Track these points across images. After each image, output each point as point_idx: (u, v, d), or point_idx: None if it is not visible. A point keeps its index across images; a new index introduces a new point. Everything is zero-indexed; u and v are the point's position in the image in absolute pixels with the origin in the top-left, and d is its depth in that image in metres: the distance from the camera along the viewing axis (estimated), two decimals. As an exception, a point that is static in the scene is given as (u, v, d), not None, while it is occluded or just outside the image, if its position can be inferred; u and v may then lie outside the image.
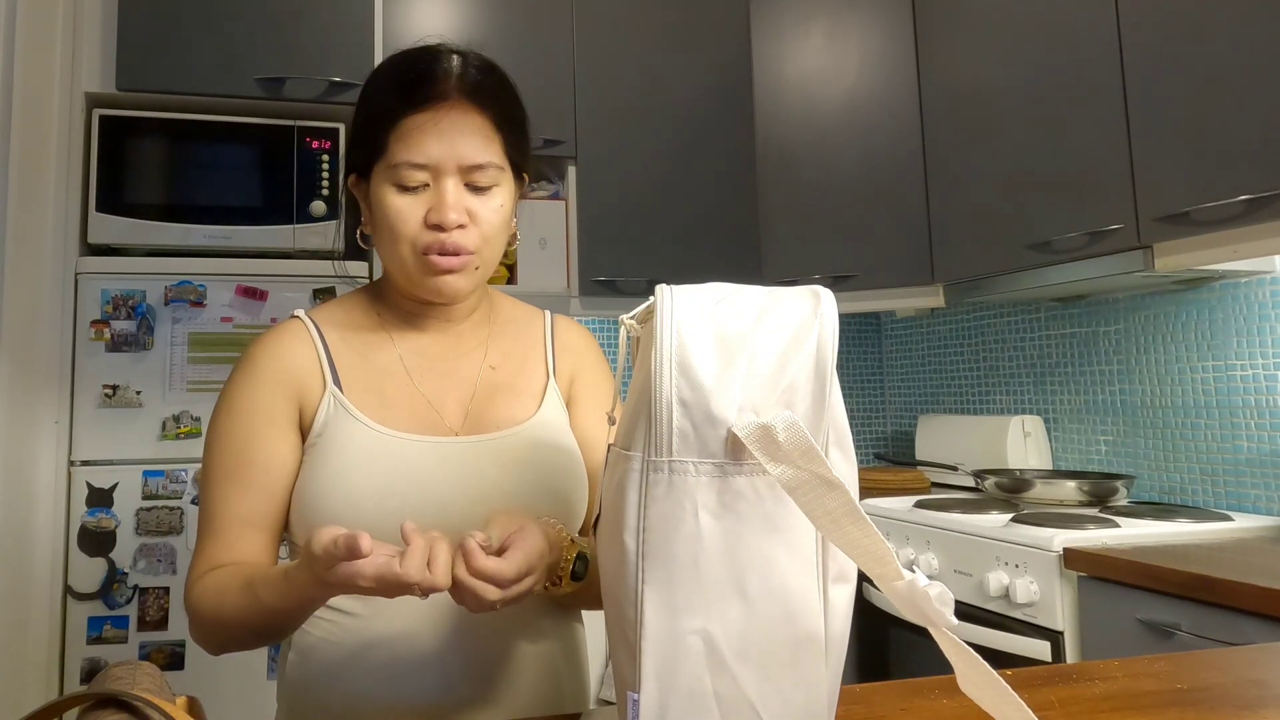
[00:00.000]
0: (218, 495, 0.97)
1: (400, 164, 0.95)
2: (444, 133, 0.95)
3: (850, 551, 0.58)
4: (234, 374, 1.01)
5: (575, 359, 1.13)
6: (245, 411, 0.98)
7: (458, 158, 0.95)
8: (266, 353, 1.01)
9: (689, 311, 0.62)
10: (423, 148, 0.95)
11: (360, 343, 1.04)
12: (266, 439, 0.97)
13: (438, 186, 0.96)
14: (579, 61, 2.75)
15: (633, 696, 0.61)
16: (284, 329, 1.03)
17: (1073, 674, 0.92)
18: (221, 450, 0.98)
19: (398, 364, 1.03)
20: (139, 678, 0.66)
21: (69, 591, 2.14)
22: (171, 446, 2.22)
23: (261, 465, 0.97)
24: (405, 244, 0.97)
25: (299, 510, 0.97)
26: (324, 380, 1.00)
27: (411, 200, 0.96)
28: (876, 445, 3.46)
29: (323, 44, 2.45)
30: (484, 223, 0.98)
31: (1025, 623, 1.82)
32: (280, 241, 2.38)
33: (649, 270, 2.72)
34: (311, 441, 0.98)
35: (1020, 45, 2.26)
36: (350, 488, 0.94)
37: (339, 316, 1.06)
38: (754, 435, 0.59)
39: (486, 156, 0.97)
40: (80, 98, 2.32)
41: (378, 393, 1.00)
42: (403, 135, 0.95)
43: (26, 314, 2.10)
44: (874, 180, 2.73)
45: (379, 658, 0.93)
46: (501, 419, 1.03)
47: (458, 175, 0.96)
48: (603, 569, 0.67)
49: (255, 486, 0.96)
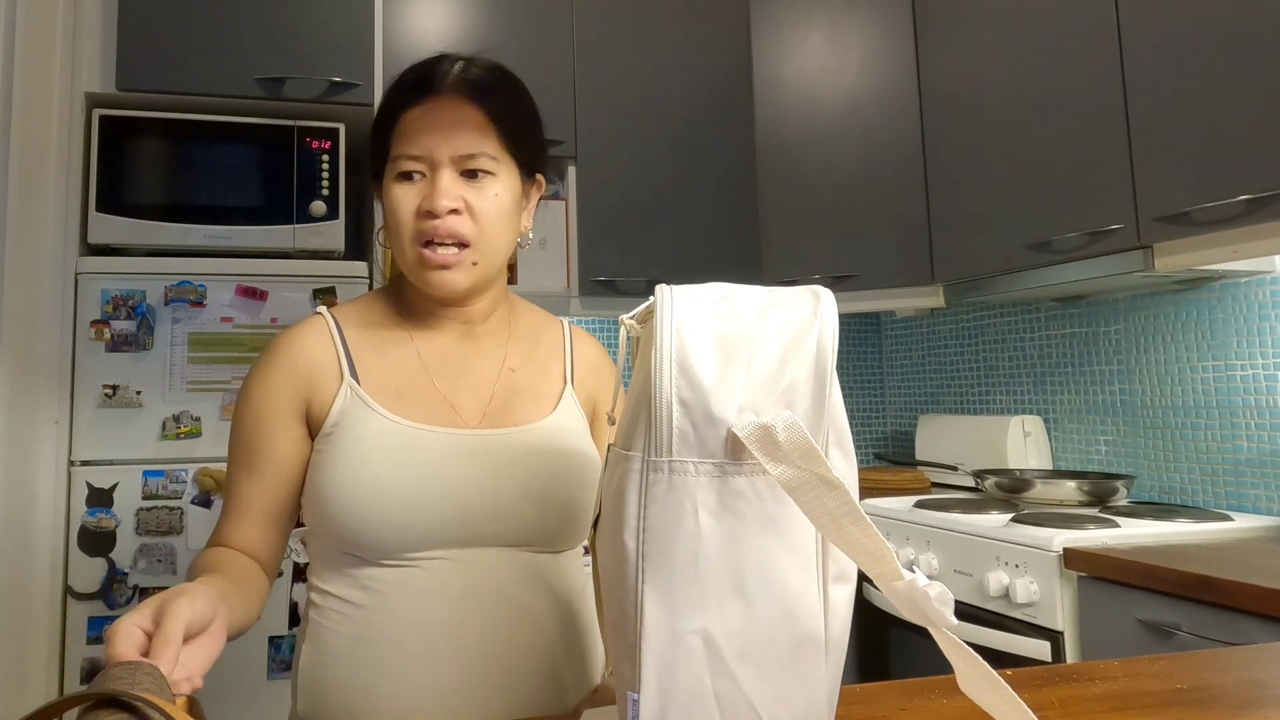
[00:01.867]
0: (233, 480, 1.02)
1: (399, 156, 1.00)
2: (437, 125, 1.00)
3: (850, 551, 0.58)
4: (254, 366, 1.05)
5: (595, 378, 1.16)
6: (259, 402, 1.02)
7: (451, 148, 0.99)
8: (284, 347, 1.04)
9: (689, 311, 0.63)
10: (417, 138, 1.00)
11: (379, 340, 1.06)
12: (275, 430, 1.01)
13: (433, 177, 1.00)
14: (579, 62, 2.75)
15: (632, 696, 0.61)
16: (305, 324, 1.06)
17: (1073, 674, 0.92)
18: (238, 438, 1.03)
19: (416, 361, 1.05)
20: (139, 678, 0.66)
21: (69, 591, 2.13)
22: (171, 446, 2.21)
23: (269, 455, 1.01)
24: (404, 235, 1.01)
25: (314, 498, 0.99)
26: (341, 374, 1.02)
27: (408, 189, 1.00)
28: (876, 445, 3.46)
29: (323, 44, 2.45)
30: (480, 212, 1.00)
31: (1025, 623, 1.82)
32: (280, 241, 2.38)
33: (649, 270, 2.73)
34: (327, 432, 0.99)
35: (1020, 46, 2.26)
36: (365, 475, 0.95)
37: (359, 314, 1.09)
38: (754, 435, 0.59)
39: (479, 146, 1.00)
40: (80, 97, 2.31)
41: (395, 388, 1.02)
42: (402, 130, 1.01)
43: (26, 314, 2.10)
44: (874, 180, 2.73)
45: (387, 647, 0.95)
46: (519, 417, 1.05)
47: (451, 165, 1.00)
48: (602, 569, 0.68)
49: (264, 475, 1.01)
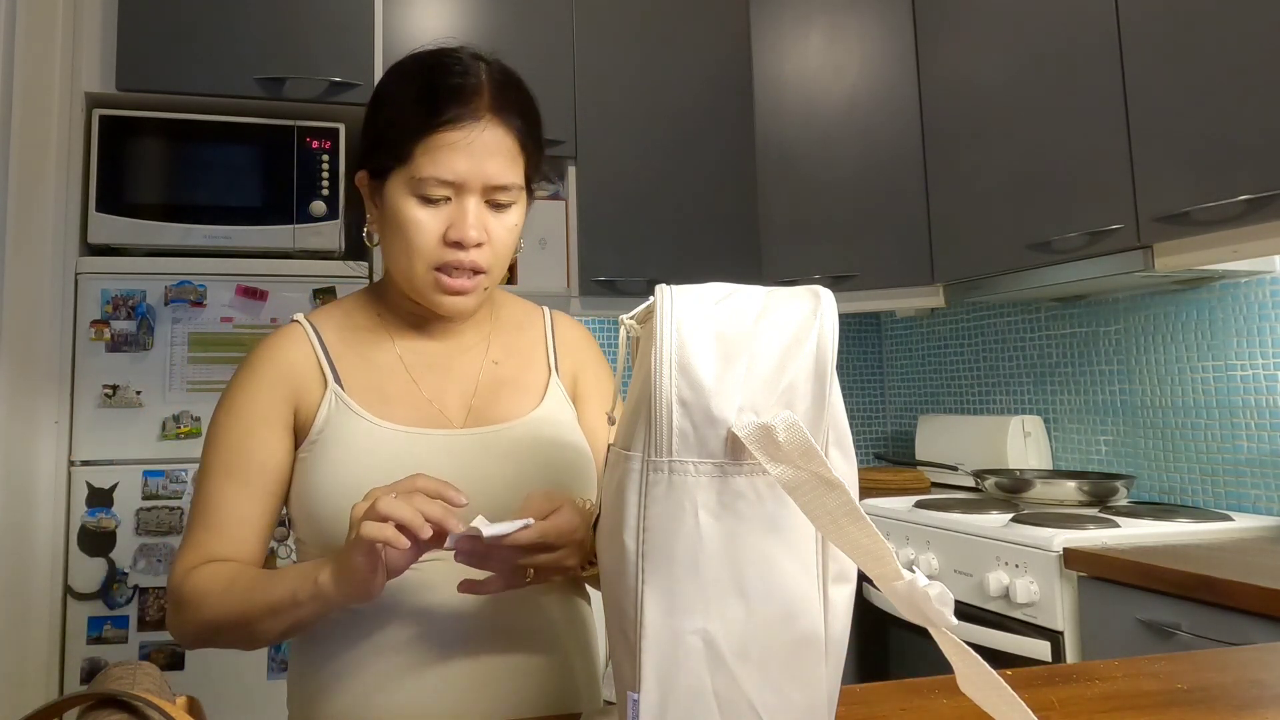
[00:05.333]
0: (214, 490, 0.98)
1: (427, 178, 0.95)
2: (475, 153, 0.95)
3: (850, 551, 0.58)
4: (235, 376, 1.03)
5: (576, 357, 1.14)
6: (244, 411, 1.00)
7: (484, 177, 0.96)
8: (265, 356, 1.02)
9: (689, 311, 0.62)
10: (451, 165, 0.95)
11: (360, 343, 1.05)
12: (263, 439, 0.99)
13: (460, 203, 0.96)
14: (579, 62, 2.75)
15: (633, 696, 0.61)
16: (282, 333, 1.05)
17: (1073, 674, 0.92)
18: (220, 447, 0.99)
19: (398, 363, 1.04)
20: (139, 678, 0.67)
21: (69, 591, 2.14)
22: (171, 446, 2.22)
23: (259, 464, 0.99)
24: (420, 259, 0.97)
25: (302, 506, 0.98)
26: (324, 380, 1.01)
27: (432, 214, 0.96)
28: (876, 445, 3.47)
29: (323, 44, 2.46)
30: (498, 241, 0.99)
31: (1025, 623, 1.82)
32: (280, 241, 2.39)
33: (649, 270, 2.74)
34: (313, 439, 0.98)
35: (1020, 46, 2.26)
36: (353, 480, 0.94)
37: (338, 318, 1.07)
38: (754, 435, 0.59)
39: (511, 177, 0.98)
40: (80, 98, 2.32)
41: (379, 391, 1.01)
42: (431, 150, 0.95)
43: (27, 314, 2.11)
44: (874, 180, 2.74)
45: (386, 653, 0.94)
46: (505, 413, 1.04)
47: (480, 194, 0.97)
48: (603, 569, 0.67)
49: (252, 484, 0.98)
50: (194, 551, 0.96)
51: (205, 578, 0.93)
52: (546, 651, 0.99)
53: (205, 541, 0.97)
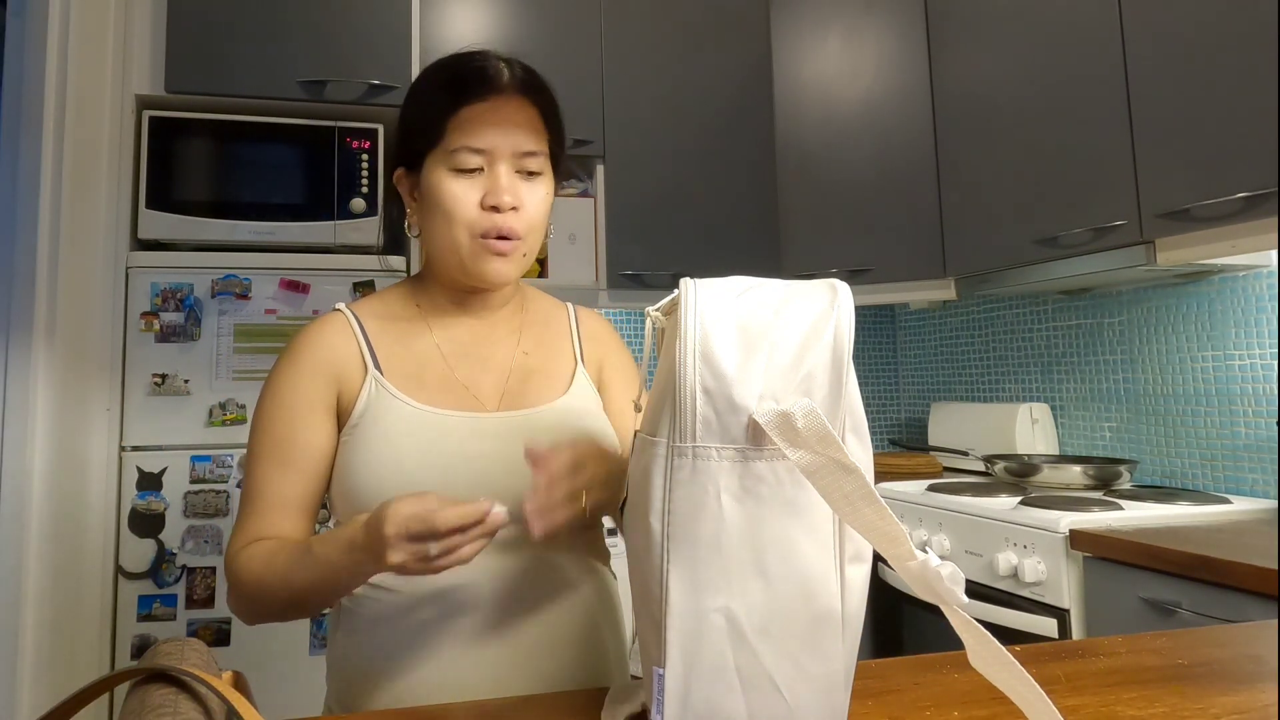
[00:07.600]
0: (261, 475, 0.99)
1: (459, 149, 0.98)
2: (501, 121, 0.99)
3: (866, 533, 0.58)
4: (278, 363, 1.04)
5: (600, 347, 1.16)
6: (288, 397, 1.01)
7: (513, 144, 1.00)
8: (308, 343, 1.03)
9: (712, 304, 0.63)
10: (481, 133, 0.99)
11: (399, 331, 1.06)
12: (308, 423, 1.00)
13: (492, 171, 0.99)
14: (608, 65, 2.76)
15: (658, 671, 0.62)
16: (325, 321, 1.06)
17: (1079, 650, 0.92)
18: (266, 433, 1.00)
19: (435, 351, 1.06)
20: (187, 653, 0.68)
21: (120, 571, 2.16)
22: (218, 433, 2.23)
23: (303, 447, 0.99)
24: (461, 227, 1.00)
25: (343, 486, 0.99)
26: (365, 366, 1.02)
27: (468, 184, 0.99)
28: (891, 431, 3.46)
29: (362, 48, 2.46)
30: (530, 209, 1.01)
31: (1033, 601, 1.84)
32: (322, 237, 2.40)
33: (674, 264, 2.74)
34: (354, 422, 0.99)
35: (1028, 51, 2.27)
36: (393, 460, 0.96)
37: (378, 308, 1.09)
38: (774, 422, 0.59)
39: (538, 144, 1.02)
40: (131, 100, 2.34)
41: (416, 377, 1.03)
42: (461, 123, 0.99)
43: (80, 306, 2.13)
44: (889, 178, 2.74)
45: (428, 628, 0.95)
46: (535, 399, 1.06)
47: (510, 161, 1.00)
48: (629, 550, 0.68)
49: (297, 468, 0.99)
50: (242, 535, 0.98)
51: (254, 554, 0.94)
52: (580, 629, 1.00)
53: (254, 525, 0.98)
